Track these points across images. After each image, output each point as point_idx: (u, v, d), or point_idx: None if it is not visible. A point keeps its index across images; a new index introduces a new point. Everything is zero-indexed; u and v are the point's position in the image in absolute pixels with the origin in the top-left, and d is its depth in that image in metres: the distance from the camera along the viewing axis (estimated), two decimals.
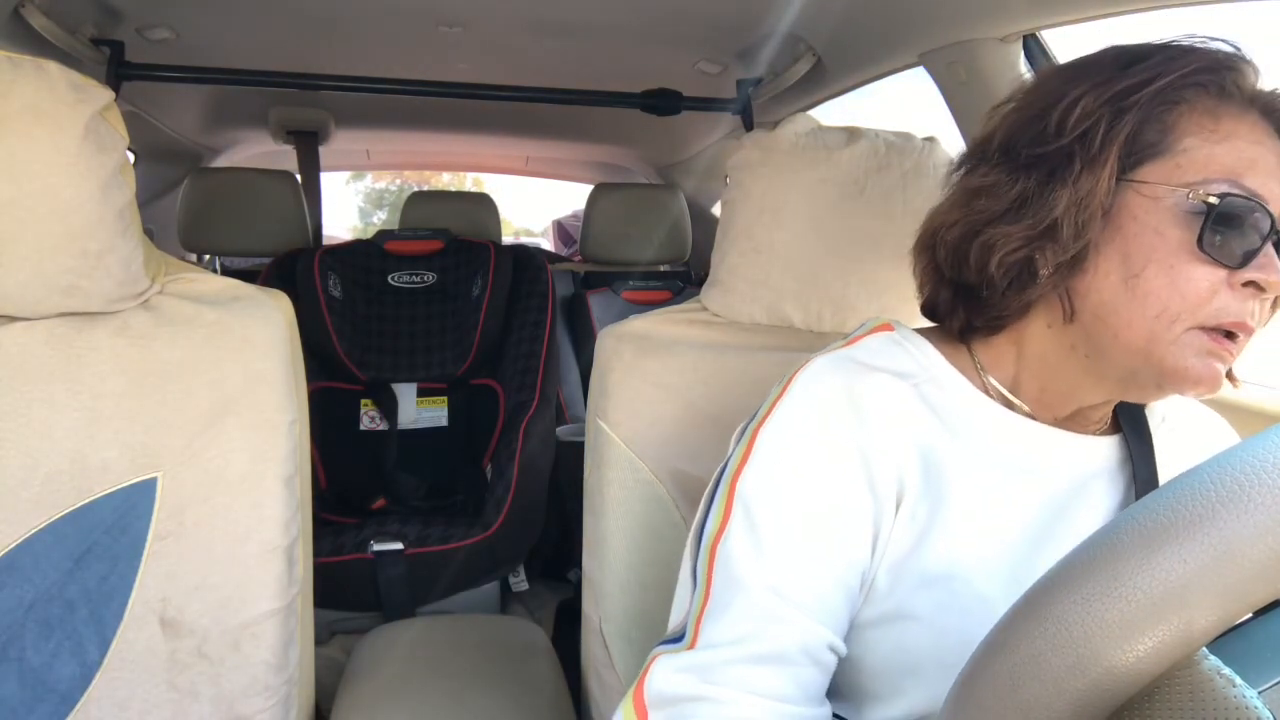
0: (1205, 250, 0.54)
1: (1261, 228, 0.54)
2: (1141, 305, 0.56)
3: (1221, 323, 0.54)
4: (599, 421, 0.90)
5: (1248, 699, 0.29)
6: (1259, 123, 0.57)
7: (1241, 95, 0.57)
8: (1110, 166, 0.57)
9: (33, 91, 0.68)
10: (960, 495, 0.60)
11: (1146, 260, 0.56)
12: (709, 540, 0.60)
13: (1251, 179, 0.55)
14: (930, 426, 0.62)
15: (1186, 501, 0.31)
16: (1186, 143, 0.56)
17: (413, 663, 1.02)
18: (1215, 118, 0.57)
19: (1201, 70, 0.58)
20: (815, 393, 0.61)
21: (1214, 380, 0.55)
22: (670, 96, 1.70)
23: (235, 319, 0.79)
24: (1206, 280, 0.54)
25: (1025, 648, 0.32)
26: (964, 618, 0.57)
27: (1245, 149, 0.55)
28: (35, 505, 0.73)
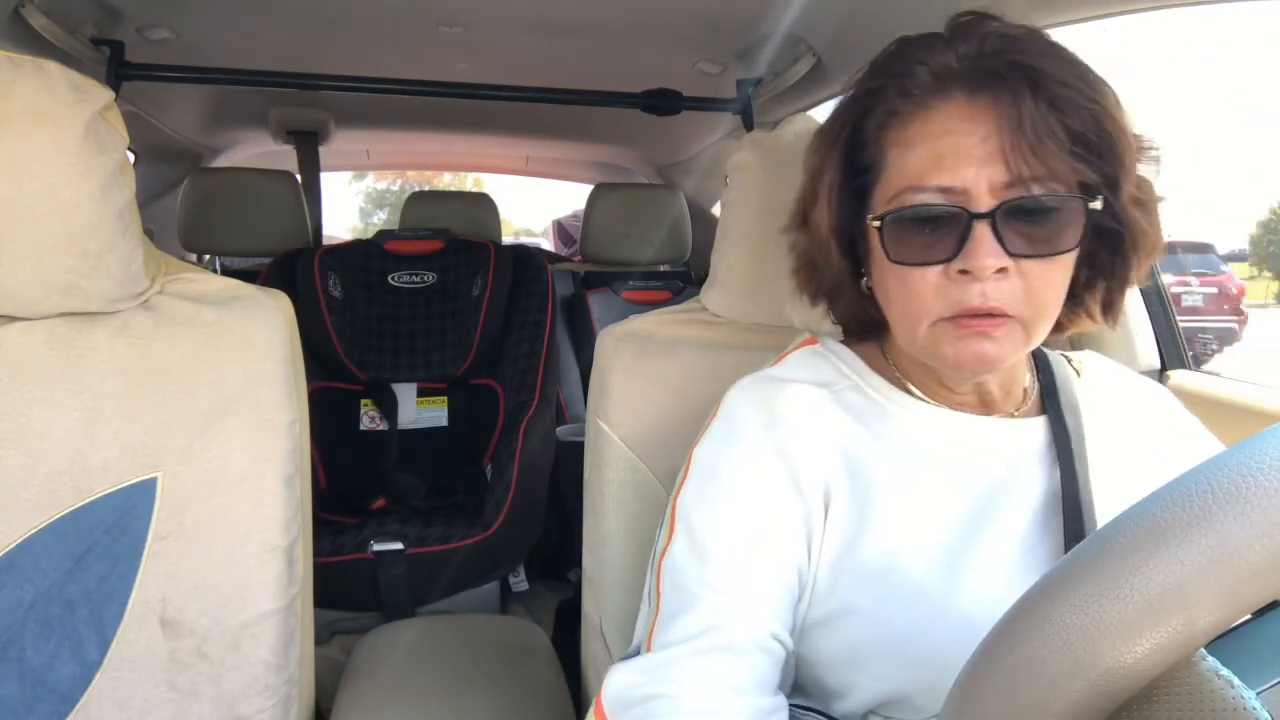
0: (893, 260, 0.59)
1: (955, 219, 0.57)
2: (893, 312, 0.63)
3: (956, 312, 0.58)
4: (599, 421, 0.91)
5: (1246, 699, 0.29)
6: (960, 102, 0.58)
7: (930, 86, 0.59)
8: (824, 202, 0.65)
9: (33, 91, 0.68)
10: (887, 491, 0.63)
11: (884, 276, 0.62)
12: (656, 558, 0.64)
13: (937, 175, 0.57)
14: (850, 429, 0.65)
15: (1184, 503, 0.31)
16: (887, 159, 0.61)
17: (413, 663, 1.02)
18: (903, 126, 0.60)
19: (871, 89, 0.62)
20: (739, 411, 0.66)
21: (976, 359, 0.58)
22: (670, 96, 1.70)
23: (235, 319, 0.79)
24: (923, 282, 0.58)
25: (1023, 650, 0.32)
26: (904, 608, 0.60)
27: (934, 146, 0.58)
28: (35, 505, 0.73)
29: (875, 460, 0.64)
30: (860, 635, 0.60)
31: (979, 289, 0.56)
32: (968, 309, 0.57)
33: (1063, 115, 0.56)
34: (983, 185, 0.56)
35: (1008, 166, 0.56)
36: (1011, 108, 0.56)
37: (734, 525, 0.62)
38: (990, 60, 0.58)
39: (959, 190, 0.57)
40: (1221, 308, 9.86)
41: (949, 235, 0.57)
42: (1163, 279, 1.28)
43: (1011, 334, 0.58)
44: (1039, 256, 0.57)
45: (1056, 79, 0.56)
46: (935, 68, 0.59)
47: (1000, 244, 0.56)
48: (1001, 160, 0.56)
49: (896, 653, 0.59)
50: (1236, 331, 9.92)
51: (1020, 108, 0.56)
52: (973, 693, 0.34)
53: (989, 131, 0.56)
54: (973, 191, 0.56)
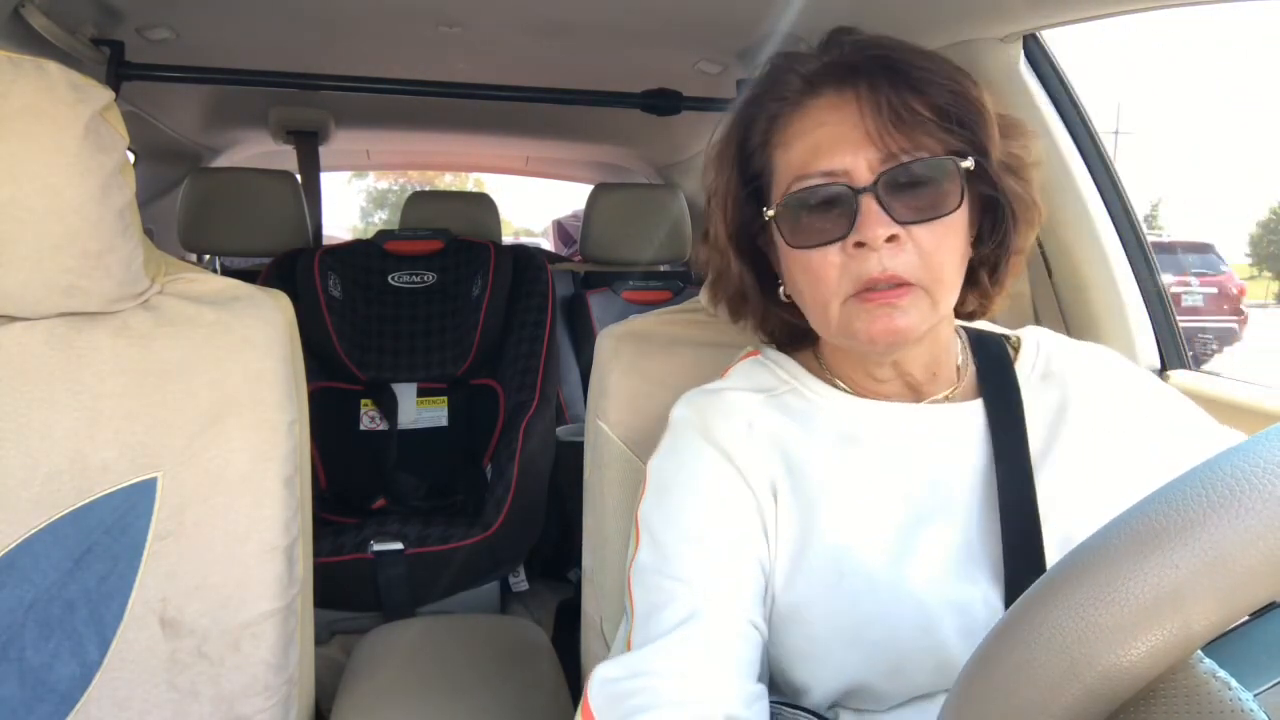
0: (791, 245, 0.64)
1: (842, 197, 0.61)
2: (805, 301, 0.67)
3: (859, 287, 0.61)
4: (599, 422, 0.91)
5: (1244, 701, 0.29)
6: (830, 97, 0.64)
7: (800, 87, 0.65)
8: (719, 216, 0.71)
9: (33, 91, 0.68)
10: (828, 487, 0.65)
11: (788, 267, 0.67)
12: (626, 569, 0.66)
13: (817, 163, 0.62)
14: (788, 430, 0.68)
15: (1179, 506, 0.31)
16: (774, 161, 0.67)
17: (413, 663, 1.02)
18: (783, 128, 0.66)
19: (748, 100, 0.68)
20: (683, 422, 0.70)
21: (889, 332, 0.61)
22: (670, 96, 1.70)
23: (235, 319, 0.79)
24: (825, 263, 0.62)
25: (1020, 653, 0.32)
26: (855, 598, 0.62)
27: (809, 139, 0.63)
28: (35, 505, 0.73)
29: (813, 457, 0.67)
30: (817, 629, 0.62)
31: (876, 259, 0.60)
32: (868, 280, 0.60)
33: (920, 93, 0.62)
34: (861, 165, 0.61)
35: (877, 145, 0.61)
36: (872, 93, 0.62)
37: (692, 523, 0.64)
38: (850, 57, 0.64)
39: (840, 172, 0.61)
40: (1221, 308, 9.87)
41: (841, 214, 0.61)
42: (1163, 279, 1.28)
43: (917, 302, 0.61)
44: (925, 220, 0.61)
45: (912, 64, 0.62)
46: (804, 72, 0.65)
47: (888, 214, 0.60)
48: (871, 141, 0.61)
49: (852, 642, 0.61)
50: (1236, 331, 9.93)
51: (878, 92, 0.61)
52: (970, 696, 0.34)
53: (857, 118, 0.62)
54: (853, 172, 0.61)
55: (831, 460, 0.67)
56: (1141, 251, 1.25)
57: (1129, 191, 1.25)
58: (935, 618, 0.61)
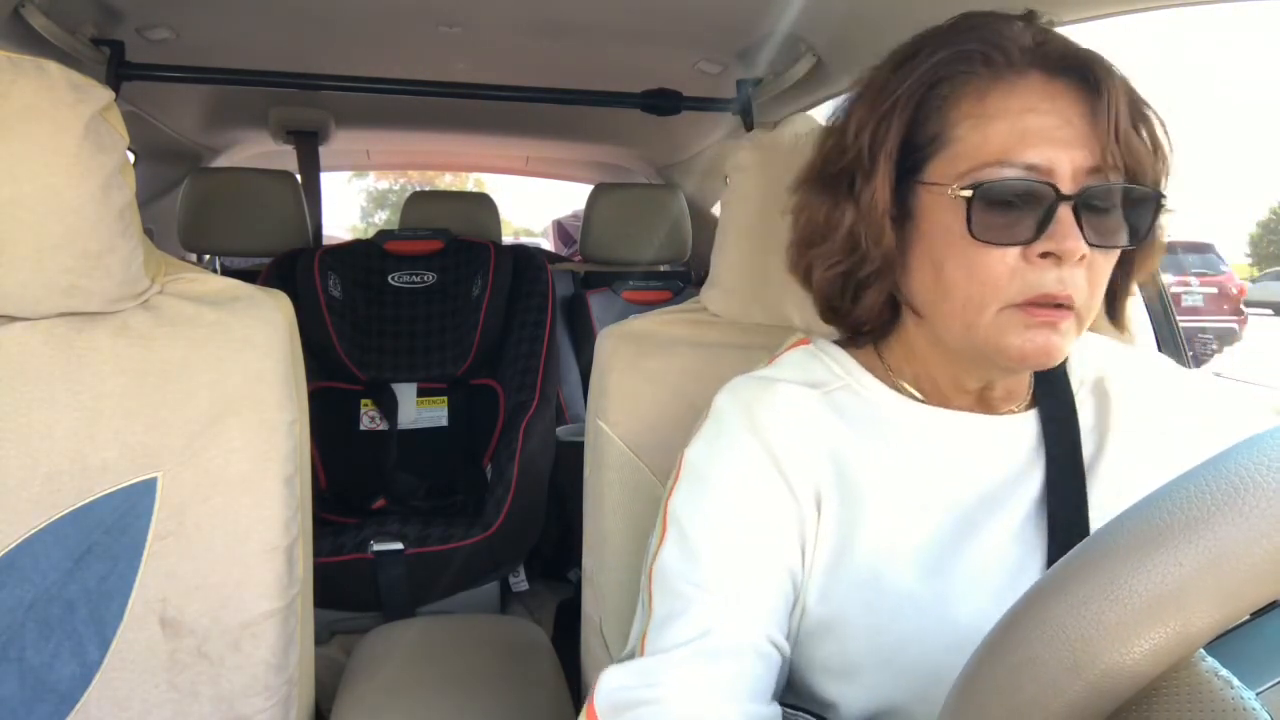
0: (978, 237, 0.55)
1: (1043, 198, 0.54)
2: (949, 298, 0.58)
3: (1029, 298, 0.55)
4: (599, 421, 0.91)
5: (1245, 700, 0.29)
6: (1038, 85, 0.56)
7: (1012, 62, 0.57)
8: (883, 174, 0.60)
9: (33, 91, 0.68)
10: (877, 495, 0.61)
11: (944, 255, 0.58)
12: (648, 564, 0.62)
13: (1024, 152, 0.55)
14: (840, 431, 0.63)
15: (1182, 504, 0.31)
16: (959, 131, 0.58)
17: (413, 663, 1.02)
18: (981, 98, 0.57)
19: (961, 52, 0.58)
20: (728, 412, 0.64)
21: (1042, 352, 0.56)
22: (670, 96, 1.70)
23: (235, 319, 0.79)
24: (1000, 263, 0.55)
25: (1023, 650, 0.32)
26: (894, 617, 0.58)
27: (1015, 122, 0.55)
28: (35, 505, 0.73)
29: (865, 462, 0.63)
30: (851, 645, 0.59)
31: (1057, 275, 0.55)
32: (1041, 295, 0.55)
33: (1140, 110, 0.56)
34: (1066, 168, 0.55)
35: (1091, 151, 0.55)
36: (1092, 94, 0.55)
37: (725, 526, 0.60)
38: (1066, 45, 0.57)
39: (1044, 169, 0.55)
40: (1221, 308, 9.87)
41: (1030, 216, 0.55)
42: (1163, 279, 1.28)
43: (1071, 327, 0.57)
44: (1109, 248, 0.56)
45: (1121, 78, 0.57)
46: (1017, 42, 0.57)
47: (1080, 230, 0.54)
48: (1085, 144, 0.55)
49: (887, 662, 0.58)
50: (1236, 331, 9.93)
51: (1103, 94, 0.55)
52: (972, 693, 0.34)
53: (1070, 115, 0.55)
54: (1057, 173, 0.55)
55: (885, 467, 0.63)
56: None
57: None
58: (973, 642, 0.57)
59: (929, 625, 0.58)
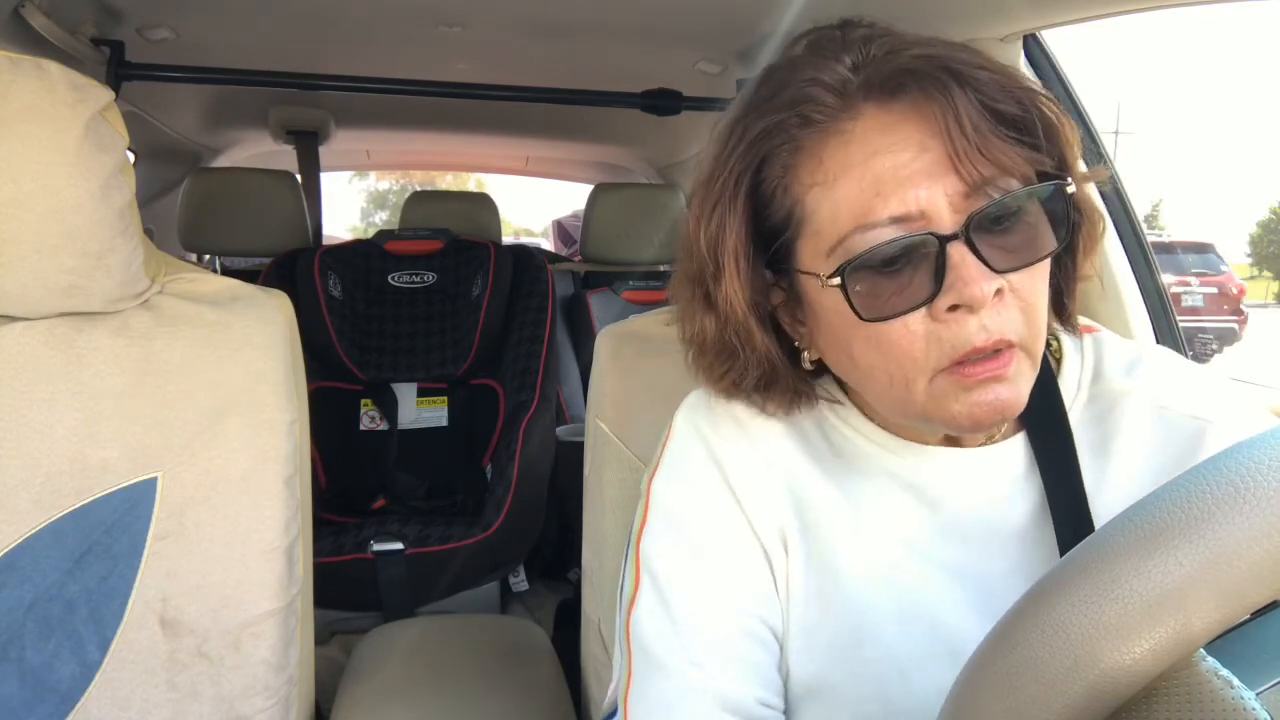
0: (866, 318, 0.49)
1: (924, 248, 0.48)
2: (874, 381, 0.52)
3: (956, 359, 0.48)
4: (598, 422, 0.91)
5: (1246, 700, 0.29)
6: (874, 116, 0.49)
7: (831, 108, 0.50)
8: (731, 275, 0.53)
9: (33, 91, 0.68)
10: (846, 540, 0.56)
11: (849, 339, 0.52)
12: (625, 607, 0.58)
13: (884, 205, 0.48)
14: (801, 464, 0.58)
15: (1183, 504, 0.31)
16: (809, 206, 0.51)
17: (413, 663, 1.02)
18: (819, 161, 0.50)
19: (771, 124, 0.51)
20: (687, 441, 0.59)
21: (994, 411, 0.49)
22: (670, 96, 1.70)
23: (235, 319, 0.79)
24: (907, 334, 0.49)
25: (1022, 650, 0.32)
26: (881, 685, 0.54)
27: (864, 173, 0.48)
28: (35, 505, 0.73)
29: (829, 501, 0.57)
30: (838, 713, 0.55)
31: (977, 323, 0.47)
32: (969, 350, 0.48)
33: (994, 102, 0.48)
34: (940, 203, 0.47)
35: (959, 173, 0.47)
36: (939, 106, 0.47)
37: (700, 581, 0.56)
38: (892, 60, 0.49)
39: (916, 215, 0.48)
40: (1221, 308, 9.87)
41: (921, 271, 0.48)
42: (1163, 279, 1.28)
43: (1020, 367, 0.49)
44: (1027, 265, 0.48)
45: (971, 64, 0.49)
46: (831, 83, 0.50)
47: (984, 263, 0.47)
48: (950, 168, 0.47)
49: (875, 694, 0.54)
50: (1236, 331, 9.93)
51: (951, 102, 0.47)
52: (971, 694, 0.34)
53: (923, 139, 0.48)
54: (931, 213, 0.48)
55: (851, 506, 0.57)
56: (1141, 251, 1.25)
57: (1129, 191, 1.25)
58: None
59: (920, 685, 0.53)
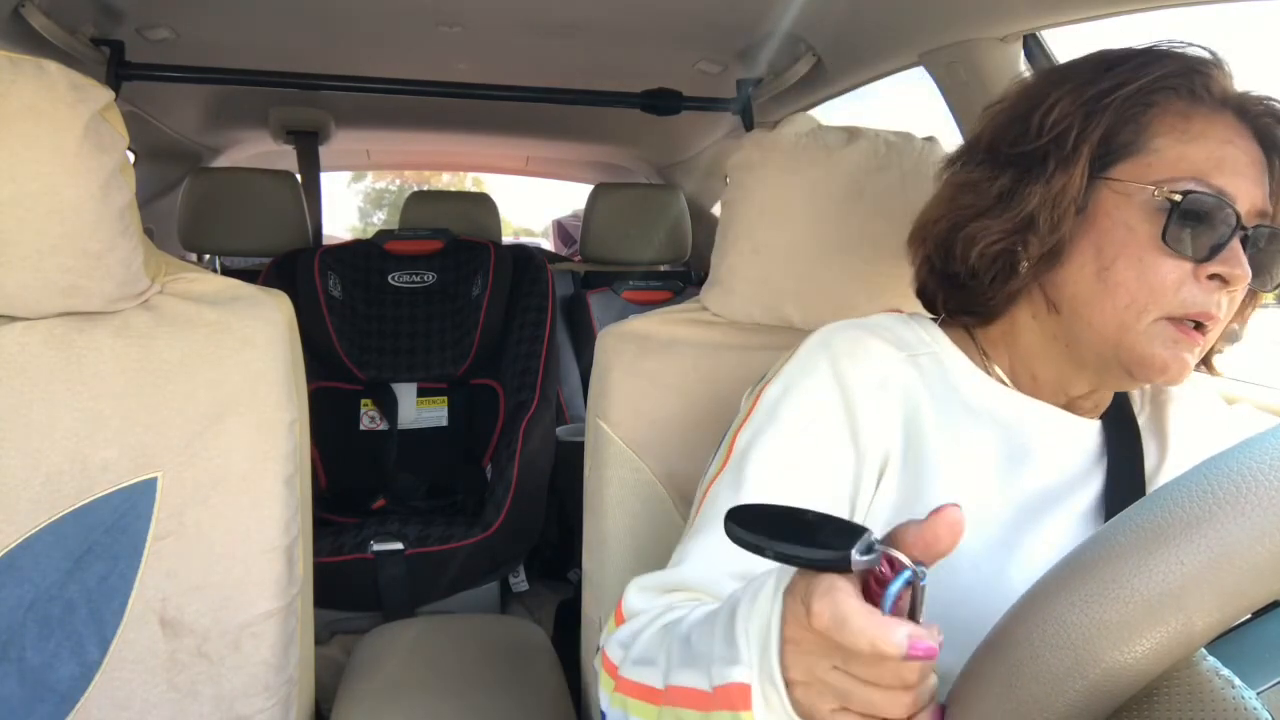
0: (1169, 244, 0.57)
1: (1227, 223, 0.57)
2: (1112, 296, 0.60)
3: (1188, 313, 0.58)
4: (599, 421, 0.91)
5: (1246, 699, 0.29)
6: (1232, 124, 0.60)
7: (1213, 98, 0.60)
8: (1082, 165, 0.61)
9: (33, 91, 0.68)
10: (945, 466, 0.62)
11: (1117, 254, 0.59)
12: (705, 483, 0.66)
13: (1219, 177, 0.58)
14: (918, 394, 0.65)
15: (1184, 504, 0.31)
16: (1158, 142, 0.60)
17: (413, 663, 1.02)
18: (1186, 119, 0.60)
19: (1173, 75, 0.61)
20: (817, 359, 0.65)
21: (1180, 368, 0.58)
22: (670, 96, 1.70)
23: (235, 319, 0.79)
24: (1173, 273, 0.58)
25: (1024, 648, 0.32)
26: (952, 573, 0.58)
27: (1215, 149, 0.58)
28: (35, 505, 0.72)
29: (939, 434, 0.64)
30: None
31: (1218, 298, 0.58)
32: (1199, 313, 0.57)
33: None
34: (1246, 203, 0.58)
35: (1266, 193, 0.59)
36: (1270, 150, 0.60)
37: (777, 460, 0.62)
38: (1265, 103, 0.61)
39: (1232, 198, 0.58)
40: None
41: (1209, 236, 0.57)
42: None
43: (1199, 353, 0.59)
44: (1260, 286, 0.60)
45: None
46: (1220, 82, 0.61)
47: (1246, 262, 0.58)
48: (1262, 187, 0.59)
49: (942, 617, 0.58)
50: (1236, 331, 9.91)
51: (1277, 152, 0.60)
52: (974, 692, 0.34)
53: (1255, 159, 0.59)
54: (1241, 204, 0.58)
55: (955, 438, 0.64)
56: None
57: None
58: None
59: (984, 588, 0.59)
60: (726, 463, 0.65)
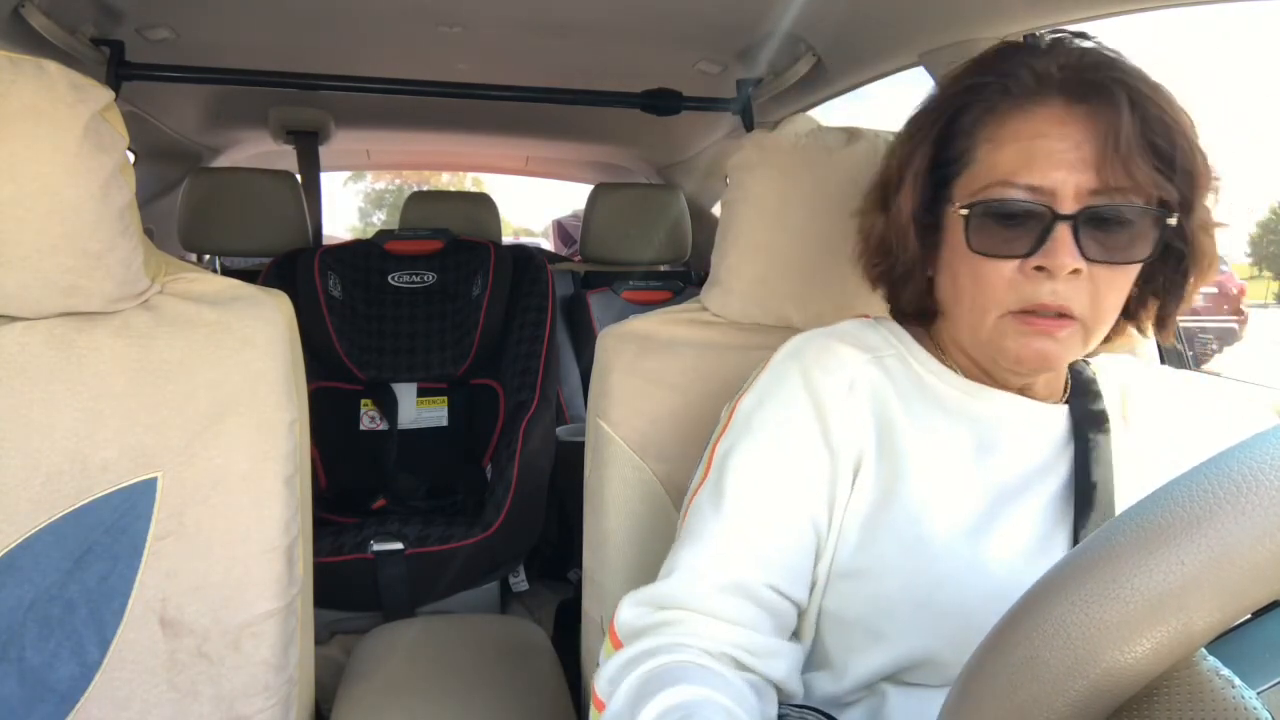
0: (976, 250, 0.62)
1: (1040, 217, 0.60)
2: (961, 302, 0.65)
3: (1025, 307, 0.61)
4: (599, 421, 0.91)
5: (1247, 699, 0.29)
6: (1058, 108, 0.61)
7: (1028, 89, 0.62)
8: (909, 189, 0.67)
9: (33, 91, 0.68)
10: (919, 461, 0.65)
11: (957, 265, 0.65)
12: (688, 497, 0.68)
13: (1028, 175, 0.60)
14: (888, 395, 0.68)
15: (1184, 503, 0.31)
16: (978, 153, 0.64)
17: (413, 663, 1.02)
18: (1000, 122, 0.63)
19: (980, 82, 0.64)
20: (788, 370, 0.69)
21: (1038, 357, 0.62)
22: (670, 96, 1.70)
23: (235, 319, 0.79)
24: (997, 274, 0.62)
25: (1024, 648, 0.32)
26: (932, 562, 0.62)
27: (1025, 146, 0.61)
28: (35, 505, 0.72)
29: (909, 429, 0.66)
30: (888, 586, 0.63)
31: (1050, 287, 0.60)
32: (1036, 304, 0.60)
33: (1153, 134, 0.59)
34: (1069, 189, 0.59)
35: (1098, 174, 0.59)
36: (1108, 121, 0.59)
37: (755, 470, 0.65)
38: (1091, 73, 0.61)
39: (1046, 190, 0.60)
40: (1221, 308, 9.86)
41: (1030, 232, 0.60)
42: None
43: (1073, 336, 0.62)
44: (1112, 264, 0.60)
45: (1150, 99, 0.59)
46: (1039, 71, 0.62)
47: (1078, 247, 0.59)
48: (1092, 168, 0.59)
49: (924, 603, 0.62)
50: (1236, 331, 9.92)
51: (1119, 121, 0.58)
52: (972, 692, 0.34)
53: (1083, 139, 0.59)
54: (1059, 194, 0.59)
55: (925, 430, 0.67)
56: None
57: None
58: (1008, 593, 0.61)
59: (966, 573, 0.62)
60: (707, 474, 0.67)
